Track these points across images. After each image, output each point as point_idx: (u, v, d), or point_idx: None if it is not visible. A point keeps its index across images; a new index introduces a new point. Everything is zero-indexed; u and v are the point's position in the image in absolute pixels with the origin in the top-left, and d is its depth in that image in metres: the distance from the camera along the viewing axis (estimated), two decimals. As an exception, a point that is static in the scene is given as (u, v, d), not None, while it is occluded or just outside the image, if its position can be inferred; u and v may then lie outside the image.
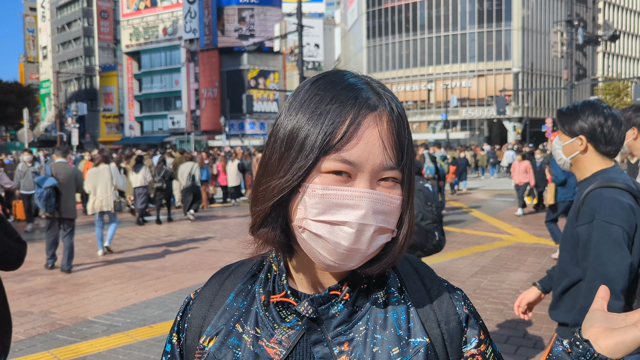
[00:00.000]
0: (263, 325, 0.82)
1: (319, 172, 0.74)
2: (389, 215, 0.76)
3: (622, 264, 1.94)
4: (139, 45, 70.04)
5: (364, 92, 0.76)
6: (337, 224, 0.73)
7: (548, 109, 59.87)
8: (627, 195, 2.03)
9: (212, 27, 61.45)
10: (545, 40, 55.91)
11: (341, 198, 0.73)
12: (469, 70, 58.17)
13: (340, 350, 0.78)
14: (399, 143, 0.76)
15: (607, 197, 2.03)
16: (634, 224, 2.00)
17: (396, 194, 0.77)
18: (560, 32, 26.27)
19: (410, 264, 0.91)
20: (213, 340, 0.84)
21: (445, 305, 0.85)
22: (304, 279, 0.84)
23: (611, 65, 68.72)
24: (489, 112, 56.27)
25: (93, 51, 77.71)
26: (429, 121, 60.79)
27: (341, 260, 0.75)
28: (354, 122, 0.73)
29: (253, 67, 61.53)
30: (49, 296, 6.63)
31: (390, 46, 62.78)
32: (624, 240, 1.97)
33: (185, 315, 0.91)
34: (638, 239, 2.01)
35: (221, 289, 0.90)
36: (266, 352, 0.80)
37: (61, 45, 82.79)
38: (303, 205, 0.74)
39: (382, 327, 0.80)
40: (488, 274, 7.40)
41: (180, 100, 67.63)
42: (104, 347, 4.87)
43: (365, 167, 0.73)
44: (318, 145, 0.73)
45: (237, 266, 0.93)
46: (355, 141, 0.72)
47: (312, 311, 0.79)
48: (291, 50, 24.54)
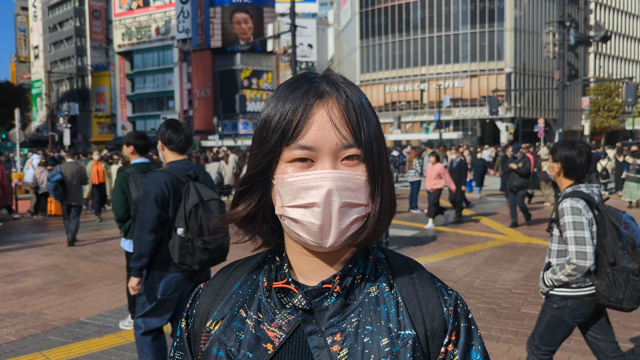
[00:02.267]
0: (265, 310, 0.89)
1: (285, 162, 0.83)
2: (355, 191, 0.82)
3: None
4: (132, 45, 69.77)
5: (315, 84, 0.84)
6: (308, 206, 0.81)
7: (540, 109, 60.15)
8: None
9: (205, 27, 61.29)
10: (538, 40, 56.17)
11: (306, 182, 0.81)
12: (462, 71, 58.34)
13: (333, 340, 0.83)
14: (351, 123, 0.82)
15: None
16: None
17: (360, 171, 0.83)
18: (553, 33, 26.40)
19: (405, 262, 0.95)
20: (219, 323, 0.91)
21: (432, 304, 0.88)
22: (302, 269, 0.90)
23: (603, 66, 69.14)
24: (481, 113, 56.46)
25: (85, 51, 77.34)
26: (422, 121, 60.91)
27: (320, 239, 0.82)
28: (304, 111, 0.81)
29: (246, 67, 61.43)
30: (40, 297, 6.59)
31: (384, 46, 62.85)
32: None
33: (194, 302, 0.98)
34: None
35: (228, 280, 0.97)
36: (267, 335, 0.86)
37: (53, 45, 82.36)
38: (279, 195, 0.84)
39: (373, 319, 0.85)
40: (481, 274, 7.43)
41: (173, 101, 67.44)
42: (97, 348, 4.84)
43: (324, 150, 0.81)
44: (276, 138, 0.82)
45: (244, 261, 1.00)
46: (307, 127, 0.81)
47: (306, 303, 0.85)
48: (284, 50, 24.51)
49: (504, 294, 6.43)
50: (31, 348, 4.88)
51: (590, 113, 57.53)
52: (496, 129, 57.74)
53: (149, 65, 69.51)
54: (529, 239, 10.14)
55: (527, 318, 5.51)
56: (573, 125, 63.73)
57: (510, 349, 4.72)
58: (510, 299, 6.18)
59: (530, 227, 11.53)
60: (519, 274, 7.38)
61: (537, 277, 7.20)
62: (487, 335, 5.03)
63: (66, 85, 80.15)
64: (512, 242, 9.84)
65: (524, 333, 5.07)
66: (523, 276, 7.26)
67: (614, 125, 56.83)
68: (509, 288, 6.65)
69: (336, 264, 0.89)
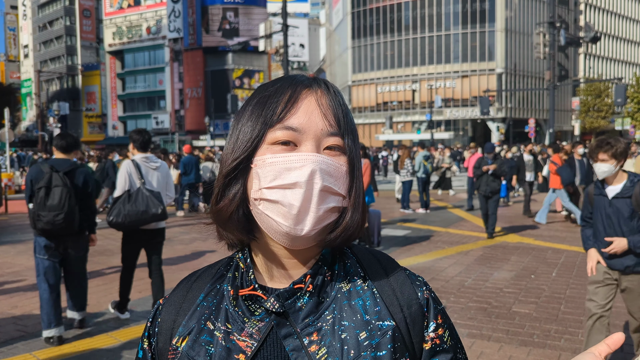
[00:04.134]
0: (233, 320, 0.85)
1: (267, 144, 0.81)
2: (336, 179, 0.82)
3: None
4: (122, 45, 69.41)
5: (298, 77, 0.87)
6: (288, 187, 0.79)
7: (531, 109, 60.52)
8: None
9: (197, 27, 61.11)
10: (528, 41, 56.53)
11: (289, 162, 0.79)
12: (453, 71, 58.60)
13: (310, 341, 0.82)
14: (336, 113, 0.83)
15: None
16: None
17: (341, 160, 0.83)
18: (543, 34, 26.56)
19: (373, 255, 0.94)
20: (186, 339, 0.87)
21: (407, 291, 0.89)
22: (270, 273, 0.88)
23: (592, 67, 69.69)
24: (472, 113, 56.74)
25: (75, 50, 76.85)
26: (414, 121, 61.10)
27: (296, 224, 0.79)
28: (292, 96, 0.82)
29: (238, 67, 61.35)
30: (31, 297, 6.54)
31: (375, 46, 62.99)
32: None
33: (155, 320, 0.93)
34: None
35: (189, 293, 0.93)
36: (238, 345, 0.83)
37: (43, 44, 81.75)
38: (257, 177, 0.81)
39: (348, 314, 0.84)
40: (472, 273, 7.46)
41: (164, 100, 67.16)
42: (88, 348, 4.82)
43: (309, 133, 0.81)
44: (261, 120, 0.82)
45: (203, 270, 0.96)
46: (294, 110, 0.81)
47: (279, 306, 0.83)
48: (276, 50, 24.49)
49: (495, 293, 6.46)
50: (21, 349, 4.84)
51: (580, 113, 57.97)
52: (487, 129, 58.02)
53: (139, 65, 69.17)
54: (519, 238, 10.20)
55: (518, 317, 5.54)
56: (563, 126, 64.17)
57: (502, 347, 4.75)
58: (502, 298, 6.22)
59: (522, 227, 11.59)
60: (510, 273, 7.42)
61: (527, 276, 7.26)
62: (478, 334, 5.06)
63: (56, 84, 79.60)
64: (503, 241, 9.89)
65: (515, 332, 5.11)
66: (514, 275, 7.30)
67: (603, 126, 57.29)
68: (500, 287, 6.68)
69: (305, 265, 0.87)
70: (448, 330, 0.90)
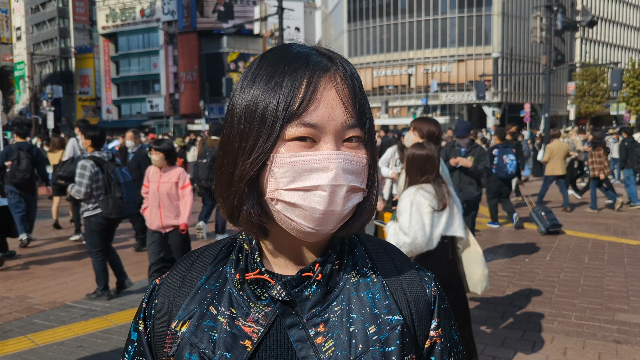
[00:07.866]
0: (238, 305, 0.81)
1: (283, 140, 0.74)
2: (358, 175, 0.76)
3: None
4: (116, 27, 68.68)
5: (313, 57, 0.77)
6: (310, 190, 0.73)
7: (527, 94, 60.46)
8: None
9: (191, 9, 60.51)
10: (525, 25, 56.28)
11: (310, 163, 0.73)
12: (449, 55, 58.35)
13: (316, 332, 0.78)
14: (357, 101, 0.77)
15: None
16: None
17: (362, 154, 0.77)
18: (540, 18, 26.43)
19: (381, 245, 0.91)
20: (186, 324, 0.82)
21: (415, 286, 0.85)
22: (278, 259, 0.84)
23: (589, 51, 69.52)
24: (468, 97, 56.62)
25: (68, 32, 75.96)
26: (410, 106, 60.94)
27: (319, 225, 0.75)
28: (310, 85, 0.73)
29: (233, 50, 60.92)
30: (25, 281, 6.54)
31: (371, 30, 62.57)
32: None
33: (152, 301, 0.87)
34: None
35: (188, 274, 0.87)
36: (243, 331, 0.79)
37: (35, 26, 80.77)
38: (273, 176, 0.74)
39: (357, 306, 0.80)
40: (467, 257, 7.49)
41: (158, 84, 66.69)
42: (83, 331, 4.83)
43: (328, 129, 0.74)
44: (280, 114, 0.73)
45: (203, 250, 0.91)
46: (315, 104, 0.73)
47: (286, 294, 0.78)
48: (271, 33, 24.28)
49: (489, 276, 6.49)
50: (16, 332, 4.85)
51: (575, 98, 57.93)
52: (483, 113, 57.98)
53: (133, 48, 68.50)
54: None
55: (512, 300, 5.58)
56: (559, 111, 64.19)
57: (495, 330, 4.79)
58: (496, 282, 6.26)
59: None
60: (504, 257, 7.46)
61: (522, 260, 7.30)
62: (473, 318, 5.09)
63: (49, 67, 78.80)
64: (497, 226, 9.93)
65: (509, 315, 5.15)
66: (507, 260, 7.34)
67: (598, 111, 57.29)
68: (494, 271, 6.72)
69: (314, 251, 0.83)
70: (451, 330, 0.88)
